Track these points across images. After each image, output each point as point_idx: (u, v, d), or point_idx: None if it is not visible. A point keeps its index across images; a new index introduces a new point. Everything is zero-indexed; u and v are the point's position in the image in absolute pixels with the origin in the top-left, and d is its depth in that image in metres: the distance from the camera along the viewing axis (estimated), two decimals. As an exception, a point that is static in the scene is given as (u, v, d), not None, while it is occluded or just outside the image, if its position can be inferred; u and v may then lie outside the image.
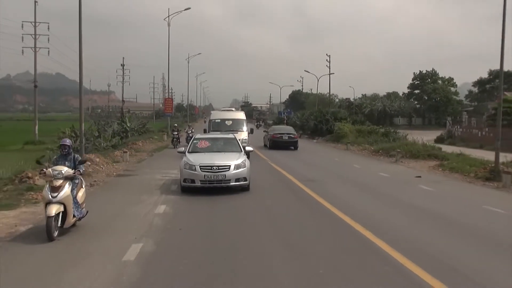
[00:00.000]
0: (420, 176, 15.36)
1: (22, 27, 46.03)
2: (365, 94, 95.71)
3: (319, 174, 15.97)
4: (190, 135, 28.48)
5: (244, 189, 11.51)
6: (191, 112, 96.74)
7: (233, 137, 13.99)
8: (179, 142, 28.82)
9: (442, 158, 20.43)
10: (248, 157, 12.56)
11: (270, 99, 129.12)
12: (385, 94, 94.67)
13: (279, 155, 23.94)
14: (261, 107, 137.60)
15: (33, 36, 44.84)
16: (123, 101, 74.76)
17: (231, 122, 24.34)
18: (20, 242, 6.94)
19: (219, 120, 24.30)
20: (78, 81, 16.78)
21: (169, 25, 40.65)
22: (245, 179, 11.44)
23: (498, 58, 15.24)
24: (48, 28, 47.40)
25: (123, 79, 79.67)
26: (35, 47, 44.85)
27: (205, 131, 23.24)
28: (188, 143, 21.70)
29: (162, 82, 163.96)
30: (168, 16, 40.28)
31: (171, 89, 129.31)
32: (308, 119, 42.25)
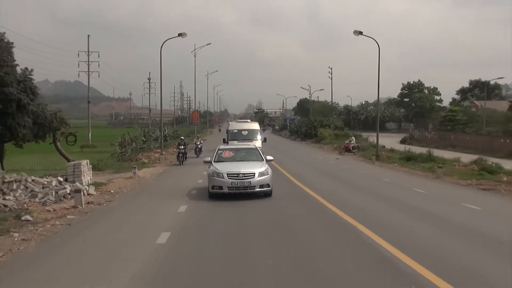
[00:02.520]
0: (338, 158, 29.24)
1: (78, 55, 60.91)
2: (367, 101, 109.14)
3: (286, 158, 29.74)
4: (199, 146, 30.39)
5: (267, 194, 12.74)
6: (209, 118, 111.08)
7: (255, 147, 15.32)
8: (185, 158, 25.91)
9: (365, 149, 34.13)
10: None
11: (283, 105, 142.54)
12: (386, 100, 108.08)
13: (269, 148, 37.78)
14: (275, 112, 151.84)
15: (87, 62, 59.79)
16: (149, 110, 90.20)
17: (246, 132, 27.36)
18: (159, 176, 20.97)
19: (236, 131, 27.48)
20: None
21: (195, 56, 54.91)
22: (268, 185, 12.62)
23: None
24: (99, 56, 62.32)
25: (149, 91, 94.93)
26: (88, 71, 59.81)
27: (224, 141, 26.70)
28: (197, 155, 27.63)
29: (180, 90, 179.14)
30: (195, 49, 54.56)
31: (189, 97, 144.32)
32: (301, 125, 56.39)
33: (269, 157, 14.45)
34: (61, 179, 14.65)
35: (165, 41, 28.33)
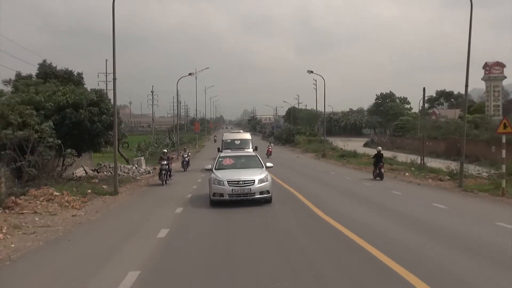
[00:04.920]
0: (298, 156, 43.60)
1: (98, 76, 74.73)
2: (351, 108, 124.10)
3: (263, 156, 44.09)
4: (186, 159, 29.84)
5: (267, 201, 13.44)
6: (207, 126, 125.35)
7: (255, 154, 16.05)
8: (170, 176, 21.96)
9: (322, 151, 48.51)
10: None
11: (276, 112, 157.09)
12: (369, 107, 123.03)
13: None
14: (269, 118, 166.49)
15: (105, 82, 73.61)
16: (153, 120, 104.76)
17: (239, 141, 29.61)
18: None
19: (229, 140, 30.00)
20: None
21: (196, 77, 69.03)
22: (268, 192, 13.31)
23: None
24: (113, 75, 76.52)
25: (152, 103, 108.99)
26: (106, 89, 73.67)
27: (219, 150, 28.76)
28: (184, 169, 29.02)
29: (178, 98, 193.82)
30: (196, 72, 68.64)
31: (187, 105, 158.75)
32: (282, 133, 70.92)
33: (269, 164, 15.03)
34: (136, 166, 28.94)
35: (180, 79, 42.55)
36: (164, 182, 21.06)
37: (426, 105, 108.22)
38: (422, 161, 27.84)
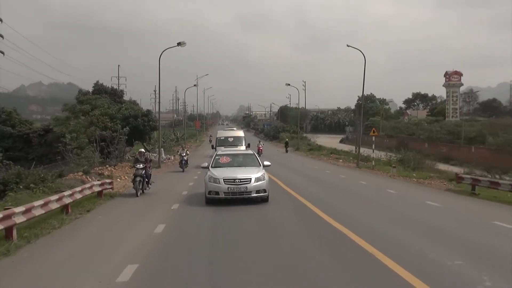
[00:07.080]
0: (278, 150, 57.15)
1: (111, 79, 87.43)
2: (339, 107, 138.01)
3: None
4: (185, 158, 28.90)
5: (264, 200, 13.67)
6: (204, 122, 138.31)
7: (252, 153, 16.21)
8: (148, 184, 16.87)
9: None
10: None
11: (270, 109, 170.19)
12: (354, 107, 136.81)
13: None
14: (265, 114, 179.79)
15: (117, 85, 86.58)
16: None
17: (232, 139, 31.15)
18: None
19: (223, 138, 31.54)
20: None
21: (197, 86, 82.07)
22: (264, 190, 13.52)
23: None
24: (126, 79, 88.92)
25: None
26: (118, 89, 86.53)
27: (212, 147, 31.20)
28: (183, 169, 28.76)
29: (176, 95, 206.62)
30: (196, 79, 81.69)
31: (185, 102, 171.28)
32: (270, 130, 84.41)
33: (266, 163, 15.09)
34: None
35: (187, 88, 55.54)
36: (138, 192, 16.06)
37: (403, 106, 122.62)
38: (357, 152, 41.20)
